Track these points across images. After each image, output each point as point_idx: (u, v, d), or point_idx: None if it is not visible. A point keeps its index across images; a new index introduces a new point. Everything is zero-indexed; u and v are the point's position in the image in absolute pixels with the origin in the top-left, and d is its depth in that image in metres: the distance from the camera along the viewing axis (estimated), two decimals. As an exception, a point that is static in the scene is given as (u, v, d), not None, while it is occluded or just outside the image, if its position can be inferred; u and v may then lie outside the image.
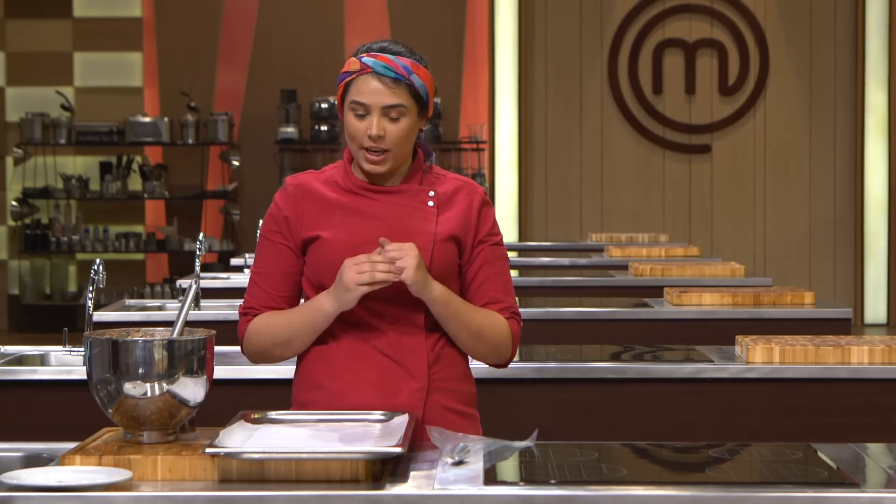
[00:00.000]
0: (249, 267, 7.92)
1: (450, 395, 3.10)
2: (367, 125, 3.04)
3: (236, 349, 4.67)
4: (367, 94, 3.03)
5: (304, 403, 3.11)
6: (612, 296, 6.99)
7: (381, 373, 3.06)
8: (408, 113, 3.05)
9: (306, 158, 12.70)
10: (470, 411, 3.16)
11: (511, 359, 3.18)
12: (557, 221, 12.86)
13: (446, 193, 3.13)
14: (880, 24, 12.64)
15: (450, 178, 3.17)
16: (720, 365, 4.34)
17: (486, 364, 3.18)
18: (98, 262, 4.37)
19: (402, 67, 3.04)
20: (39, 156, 12.85)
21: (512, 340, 3.14)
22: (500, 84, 12.73)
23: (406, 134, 3.05)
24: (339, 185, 3.12)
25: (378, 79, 3.03)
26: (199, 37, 12.84)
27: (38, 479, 2.50)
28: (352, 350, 3.07)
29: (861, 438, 4.18)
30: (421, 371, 3.07)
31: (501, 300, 3.14)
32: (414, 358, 3.07)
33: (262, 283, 3.14)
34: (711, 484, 2.55)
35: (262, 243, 3.17)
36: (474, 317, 3.08)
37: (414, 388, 3.06)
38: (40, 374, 4.36)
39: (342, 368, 3.07)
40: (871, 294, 12.72)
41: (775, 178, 12.88)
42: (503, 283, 3.15)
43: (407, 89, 3.04)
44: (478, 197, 3.15)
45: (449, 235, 3.09)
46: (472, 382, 3.20)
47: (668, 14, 12.87)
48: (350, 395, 3.05)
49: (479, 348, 3.11)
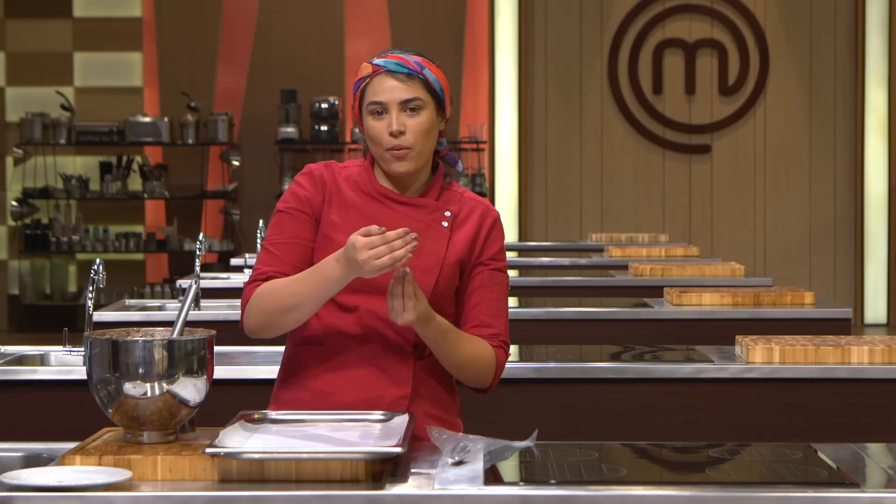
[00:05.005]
0: (250, 267, 7.98)
1: (434, 403, 3.10)
2: (386, 123, 3.05)
3: (236, 349, 4.68)
4: (383, 92, 3.05)
5: (286, 402, 3.09)
6: (612, 296, 6.99)
7: (366, 378, 3.05)
8: (425, 107, 3.06)
9: (306, 158, 12.70)
10: (455, 420, 3.16)
11: (492, 387, 3.16)
12: (557, 221, 12.86)
13: (461, 214, 3.12)
14: (880, 24, 12.63)
15: (467, 198, 3.16)
16: (720, 365, 4.34)
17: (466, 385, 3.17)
18: (98, 262, 4.37)
19: (414, 63, 3.07)
20: (39, 156, 12.85)
21: (496, 370, 3.12)
22: (500, 84, 12.73)
23: (426, 129, 3.06)
24: (359, 187, 3.12)
25: (392, 76, 3.05)
26: (199, 37, 12.84)
27: (38, 479, 2.50)
28: (338, 353, 3.06)
29: (861, 438, 4.18)
30: (405, 379, 3.06)
31: (491, 325, 3.11)
32: (399, 365, 3.06)
33: (277, 251, 3.07)
34: (711, 484, 2.55)
35: (279, 217, 3.11)
36: (462, 347, 3.06)
37: (397, 395, 3.05)
38: (40, 374, 4.36)
39: (328, 371, 3.07)
40: (871, 294, 12.72)
41: (775, 178, 12.87)
42: (496, 309, 3.12)
43: (421, 84, 3.06)
44: (490, 219, 3.14)
45: (457, 259, 3.09)
46: (457, 393, 3.20)
47: (668, 14, 12.87)
48: (334, 396, 3.05)
49: (459, 374, 3.11)
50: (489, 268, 3.12)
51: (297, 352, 3.12)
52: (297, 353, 3.12)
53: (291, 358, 3.14)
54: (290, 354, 3.14)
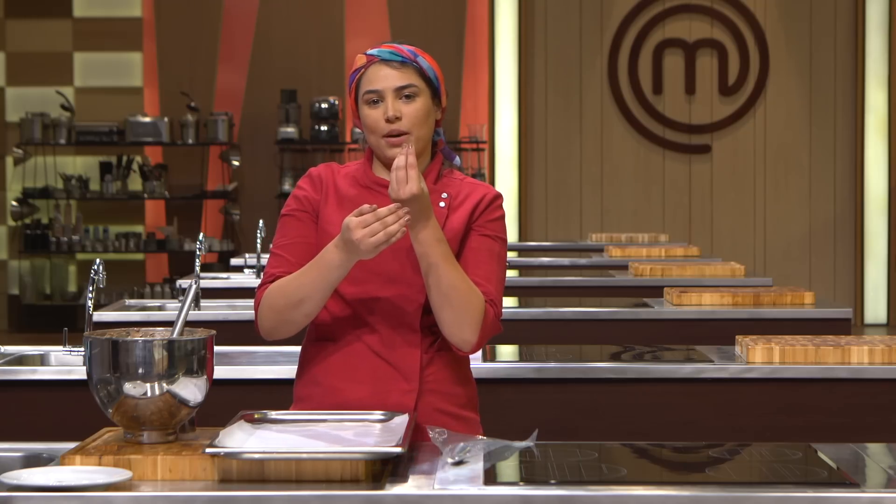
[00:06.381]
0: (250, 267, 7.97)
1: (443, 397, 3.09)
2: (382, 111, 3.07)
3: (236, 349, 4.68)
4: (378, 80, 3.08)
5: (301, 398, 3.13)
6: (612, 296, 6.99)
7: (374, 371, 3.06)
8: (420, 94, 3.08)
9: (306, 158, 12.70)
10: (467, 414, 3.14)
11: (476, 343, 3.02)
12: (557, 221, 12.86)
13: (460, 196, 3.12)
14: (880, 24, 12.63)
15: (467, 182, 3.16)
16: (720, 365, 4.34)
17: (451, 341, 3.02)
18: (98, 262, 4.37)
19: (408, 51, 3.10)
20: (39, 156, 12.85)
21: (482, 321, 3.01)
22: (500, 84, 12.73)
23: (422, 115, 3.07)
24: (356, 181, 3.14)
25: (386, 65, 3.08)
26: (199, 37, 12.84)
27: (38, 479, 2.50)
28: (347, 347, 3.08)
29: (861, 438, 4.18)
30: (412, 373, 3.06)
31: (481, 284, 3.04)
32: (406, 359, 3.07)
33: (284, 253, 3.09)
34: (711, 484, 2.55)
35: (283, 221, 3.14)
36: (455, 271, 2.99)
37: (405, 389, 3.06)
38: (40, 374, 4.36)
39: (337, 365, 3.08)
40: (871, 294, 12.72)
41: (775, 178, 12.88)
42: (486, 271, 3.06)
43: (416, 71, 3.09)
44: (489, 196, 3.13)
45: (453, 237, 3.08)
46: (471, 385, 3.17)
47: (668, 14, 12.87)
48: (343, 391, 3.06)
49: (444, 309, 2.99)
50: (480, 233, 3.09)
51: (308, 348, 3.16)
52: (308, 349, 3.15)
53: (304, 354, 3.17)
54: (304, 350, 3.17)
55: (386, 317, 3.07)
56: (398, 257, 3.05)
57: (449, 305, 2.99)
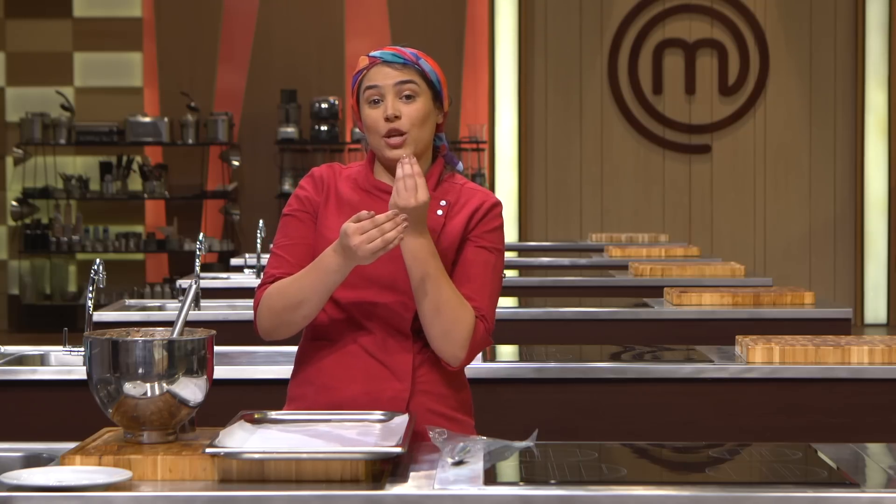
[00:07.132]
0: (250, 267, 7.97)
1: (436, 398, 3.08)
2: (382, 110, 3.07)
3: (236, 349, 4.68)
4: (379, 78, 3.09)
5: (294, 398, 3.14)
6: (612, 296, 6.99)
7: (367, 371, 3.07)
8: (420, 94, 3.09)
9: (306, 158, 12.70)
10: (460, 417, 3.13)
11: (464, 359, 3.03)
12: (557, 221, 12.86)
13: (458, 204, 3.11)
14: (880, 24, 12.63)
15: (467, 188, 3.15)
16: (720, 365, 4.34)
17: (439, 355, 3.03)
18: (98, 262, 4.37)
19: (410, 53, 3.11)
20: (39, 156, 12.86)
21: (472, 337, 3.01)
22: (500, 84, 12.73)
23: (421, 116, 3.08)
24: (357, 184, 3.14)
25: (388, 65, 3.09)
26: (199, 37, 12.84)
27: (38, 479, 2.50)
28: (340, 347, 3.09)
29: (861, 438, 4.18)
30: (405, 373, 3.06)
31: (472, 298, 3.04)
32: (399, 360, 3.07)
33: (284, 253, 3.10)
34: (711, 484, 2.55)
35: (285, 221, 3.14)
36: (448, 287, 2.99)
37: (396, 389, 3.05)
38: (40, 374, 4.36)
39: (330, 364, 3.09)
40: (871, 294, 12.72)
41: (775, 178, 12.88)
42: (480, 284, 3.06)
43: (417, 73, 3.10)
44: (487, 204, 3.12)
45: (450, 245, 3.08)
46: (465, 389, 3.17)
47: (668, 14, 12.87)
48: (336, 390, 3.07)
49: (434, 324, 2.99)
50: (476, 244, 3.09)
51: (304, 347, 3.16)
52: (304, 349, 3.16)
53: (300, 354, 3.18)
54: (300, 350, 3.18)
55: (380, 321, 3.07)
56: (394, 263, 3.05)
57: (439, 320, 3.00)
